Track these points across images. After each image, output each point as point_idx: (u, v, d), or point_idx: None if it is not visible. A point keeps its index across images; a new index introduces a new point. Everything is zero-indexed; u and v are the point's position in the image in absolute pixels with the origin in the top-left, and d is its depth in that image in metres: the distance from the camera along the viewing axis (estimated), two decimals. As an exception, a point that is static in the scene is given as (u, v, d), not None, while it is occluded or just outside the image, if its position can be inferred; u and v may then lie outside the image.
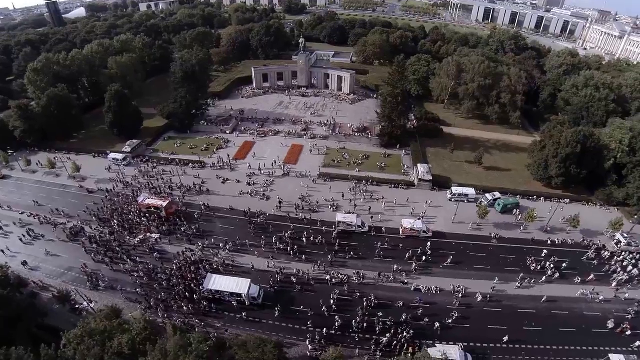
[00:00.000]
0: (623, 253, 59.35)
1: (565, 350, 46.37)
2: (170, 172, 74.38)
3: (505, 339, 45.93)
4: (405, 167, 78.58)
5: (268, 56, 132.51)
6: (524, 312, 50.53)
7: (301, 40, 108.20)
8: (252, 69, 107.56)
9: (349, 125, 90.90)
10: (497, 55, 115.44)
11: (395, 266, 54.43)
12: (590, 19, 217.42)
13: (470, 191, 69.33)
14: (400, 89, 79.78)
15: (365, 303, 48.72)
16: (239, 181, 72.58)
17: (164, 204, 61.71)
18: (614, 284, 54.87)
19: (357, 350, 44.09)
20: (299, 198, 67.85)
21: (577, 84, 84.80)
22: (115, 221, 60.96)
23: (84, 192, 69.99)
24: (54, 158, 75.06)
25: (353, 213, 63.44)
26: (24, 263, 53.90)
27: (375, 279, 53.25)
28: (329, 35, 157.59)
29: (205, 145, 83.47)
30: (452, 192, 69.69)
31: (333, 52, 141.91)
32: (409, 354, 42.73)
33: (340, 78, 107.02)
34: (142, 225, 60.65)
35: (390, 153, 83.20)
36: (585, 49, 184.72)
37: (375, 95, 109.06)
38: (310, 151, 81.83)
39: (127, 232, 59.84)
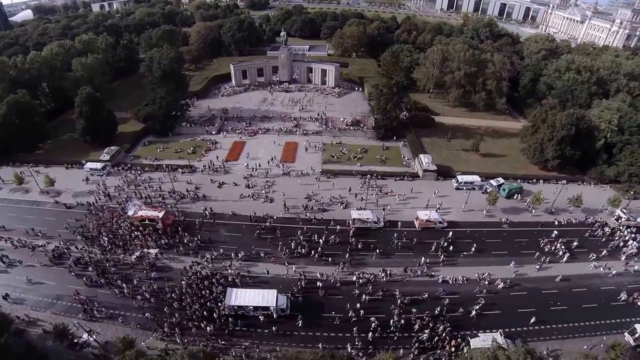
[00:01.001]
0: (622, 228, 61.61)
1: (592, 326, 47.16)
2: (159, 179, 68.04)
3: (532, 320, 45.81)
4: (406, 158, 77.37)
5: (242, 52, 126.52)
6: (547, 293, 50.90)
7: (282, 33, 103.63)
8: (231, 66, 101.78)
9: (341, 119, 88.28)
10: (473, 42, 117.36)
11: (422, 259, 52.95)
12: (551, 5, 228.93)
13: (476, 178, 69.23)
14: (395, 79, 78.10)
15: (399, 301, 46.75)
16: (236, 184, 67.73)
17: (160, 215, 55.92)
18: (623, 257, 56.68)
19: (400, 351, 41.80)
20: (305, 197, 64.51)
21: (559, 68, 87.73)
22: (105, 238, 54.31)
23: (61, 208, 62.10)
24: (21, 172, 65.97)
25: (365, 209, 60.97)
26: (5, 296, 46.32)
27: (402, 274, 51.44)
28: (300, 29, 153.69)
29: (191, 148, 77.41)
30: (457, 181, 69.30)
31: (308, 46, 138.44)
32: (452, 348, 41.53)
33: (324, 71, 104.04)
34: (136, 241, 54.51)
35: (388, 145, 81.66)
36: (549, 33, 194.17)
37: (359, 89, 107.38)
38: (306, 149, 78.37)
39: (121, 249, 53.44)
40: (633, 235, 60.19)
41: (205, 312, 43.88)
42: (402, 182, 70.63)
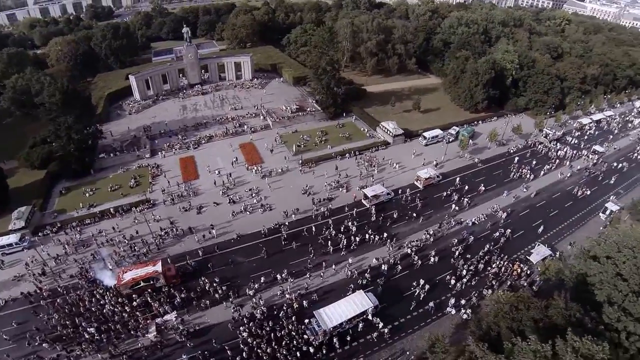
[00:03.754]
0: (552, 142, 75.73)
1: (579, 216, 58.08)
2: (113, 228, 52.07)
3: (541, 229, 53.89)
4: (367, 130, 77.71)
5: (124, 64, 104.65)
6: (540, 205, 59.88)
7: (185, 29, 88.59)
8: (131, 78, 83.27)
9: (282, 109, 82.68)
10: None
11: (450, 210, 56.25)
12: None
13: (439, 132, 74.68)
14: (331, 56, 76.58)
15: (456, 252, 48.58)
16: (217, 203, 57.05)
17: (159, 269, 43.04)
18: (567, 162, 69.99)
19: (489, 291, 43.62)
20: (303, 193, 58.95)
21: (452, 25, 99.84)
22: (91, 329, 38.49)
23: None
24: None
25: (368, 186, 59.36)
26: None
27: (440, 230, 52.75)
28: (173, 30, 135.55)
29: (132, 180, 61.37)
30: (425, 138, 73.39)
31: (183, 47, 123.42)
32: (519, 269, 46.18)
33: (237, 65, 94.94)
34: (138, 313, 40.78)
35: (342, 123, 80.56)
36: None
37: (279, 77, 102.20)
38: (266, 145, 70.98)
39: (124, 333, 39.05)
40: (562, 145, 75.09)
41: (298, 354, 35.86)
42: (378, 152, 71.14)
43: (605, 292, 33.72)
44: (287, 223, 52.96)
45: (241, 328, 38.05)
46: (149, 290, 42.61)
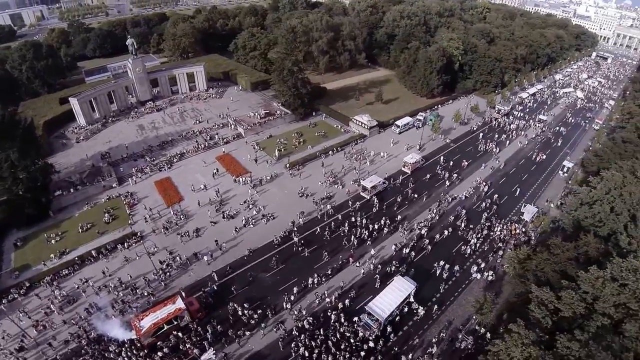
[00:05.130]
0: (503, 117, 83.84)
1: (544, 178, 65.67)
2: (103, 272, 45.27)
3: (518, 191, 60.67)
4: (340, 126, 78.47)
5: (52, 87, 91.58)
6: (512, 172, 66.69)
7: (130, 41, 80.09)
8: (73, 100, 73.17)
9: (250, 115, 79.81)
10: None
11: (446, 184, 60.92)
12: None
13: (409, 119, 78.17)
14: (295, 56, 75.98)
15: (462, 224, 52.15)
16: (214, 223, 53.19)
17: (181, 305, 38.40)
18: (522, 133, 78.03)
19: (500, 252, 48.09)
20: (300, 196, 57.75)
21: (395, 18, 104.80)
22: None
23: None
24: None
25: (363, 179, 60.15)
26: None
27: (441, 207, 55.86)
28: (100, 47, 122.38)
29: (105, 215, 54.45)
30: (398, 126, 76.40)
31: (131, 61, 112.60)
32: (516, 230, 51.33)
33: (190, 75, 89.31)
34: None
35: (314, 122, 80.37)
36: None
37: (239, 87, 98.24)
38: (249, 156, 67.44)
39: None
40: (512, 118, 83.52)
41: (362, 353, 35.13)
42: (357, 145, 72.37)
43: (608, 226, 38.66)
44: (296, 228, 51.39)
45: (293, 344, 36.16)
46: (174, 332, 38.03)
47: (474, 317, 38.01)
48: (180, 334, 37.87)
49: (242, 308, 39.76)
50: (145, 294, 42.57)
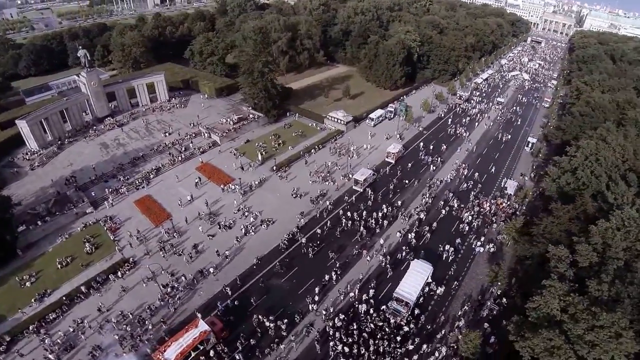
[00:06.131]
0: (464, 102, 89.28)
1: (513, 154, 71.30)
2: (99, 309, 40.93)
3: (492, 168, 65.80)
4: (315, 125, 78.58)
5: None
6: (487, 150, 72.00)
7: (82, 52, 72.15)
8: (21, 123, 64.68)
9: (222, 122, 76.99)
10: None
11: (431, 168, 64.26)
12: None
13: (381, 112, 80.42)
14: (265, 57, 74.59)
15: (455, 205, 55.06)
16: (212, 236, 50.50)
17: (206, 327, 35.95)
18: (486, 114, 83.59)
19: (494, 226, 51.74)
20: (294, 197, 57.03)
21: (350, 15, 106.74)
22: None
23: None
24: None
25: (351, 173, 60.91)
26: None
27: (431, 190, 58.50)
28: (35, 64, 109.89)
29: (86, 245, 49.20)
30: (372, 119, 78.29)
31: (76, 76, 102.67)
32: (503, 203, 55.09)
33: (150, 86, 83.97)
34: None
35: (288, 123, 79.70)
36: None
37: (204, 94, 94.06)
38: (234, 165, 64.73)
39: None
40: (473, 103, 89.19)
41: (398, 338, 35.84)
42: (338, 140, 73.12)
43: (592, 188, 42.94)
44: (298, 229, 50.57)
45: (330, 344, 35.69)
46: (202, 357, 35.68)
47: (492, 286, 40.41)
48: (208, 358, 35.58)
49: (266, 319, 38.19)
50: (155, 323, 39.44)
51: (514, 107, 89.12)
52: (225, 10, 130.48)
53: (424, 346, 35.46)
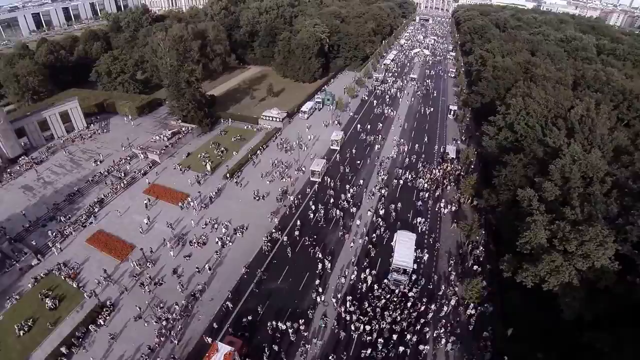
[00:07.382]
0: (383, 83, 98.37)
1: (440, 123, 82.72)
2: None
3: (426, 140, 74.68)
4: (251, 127, 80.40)
5: None
6: (416, 125, 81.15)
7: None
8: None
9: (155, 140, 73.95)
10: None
11: (375, 147, 71.87)
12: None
13: (310, 104, 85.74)
14: (190, 67, 73.44)
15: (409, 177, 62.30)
16: (188, 257, 49.39)
17: (228, 348, 35.38)
18: (405, 91, 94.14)
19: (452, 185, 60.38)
20: (257, 200, 58.74)
21: (254, 15, 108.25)
22: None
23: None
24: None
25: (305, 165, 64.82)
26: None
27: (383, 166, 65.69)
28: None
29: (48, 301, 44.39)
30: (304, 112, 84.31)
31: None
32: (449, 166, 63.20)
33: (64, 115, 75.94)
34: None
35: (224, 129, 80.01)
36: None
37: (126, 116, 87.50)
38: (188, 181, 63.12)
39: None
40: (390, 83, 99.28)
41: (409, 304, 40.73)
42: (277, 138, 76.25)
43: (530, 137, 50.36)
44: (273, 231, 51.99)
45: (352, 327, 38.35)
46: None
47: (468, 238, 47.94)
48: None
49: (280, 322, 39.01)
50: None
51: (426, 81, 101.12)
52: (119, 27, 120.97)
53: (432, 305, 40.04)
